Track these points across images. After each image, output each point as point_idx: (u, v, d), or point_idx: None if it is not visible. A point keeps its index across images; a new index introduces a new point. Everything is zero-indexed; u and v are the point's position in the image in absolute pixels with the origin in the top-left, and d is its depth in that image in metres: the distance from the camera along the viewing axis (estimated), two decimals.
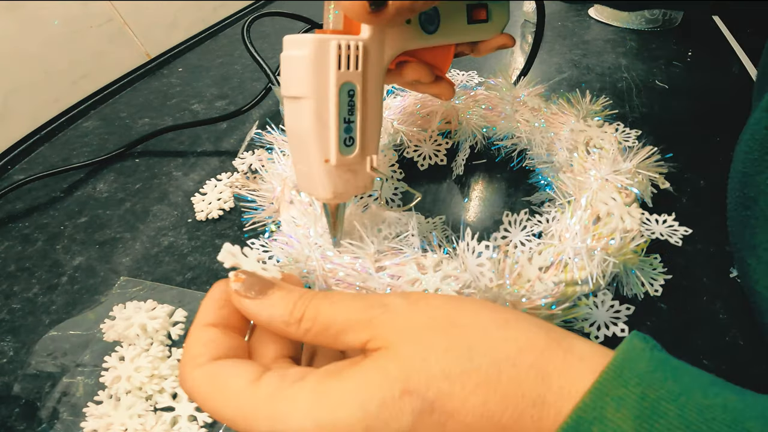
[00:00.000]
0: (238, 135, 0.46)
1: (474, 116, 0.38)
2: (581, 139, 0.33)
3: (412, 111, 0.38)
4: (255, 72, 0.57)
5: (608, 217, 0.27)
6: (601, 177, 0.29)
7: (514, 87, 0.38)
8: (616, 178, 0.29)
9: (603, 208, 0.27)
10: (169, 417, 0.23)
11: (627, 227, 0.27)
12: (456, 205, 0.36)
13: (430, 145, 0.37)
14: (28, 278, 0.32)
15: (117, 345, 0.27)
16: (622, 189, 0.29)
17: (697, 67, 0.53)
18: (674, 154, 0.34)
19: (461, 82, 0.47)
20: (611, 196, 0.28)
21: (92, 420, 0.23)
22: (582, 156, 0.32)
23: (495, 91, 0.38)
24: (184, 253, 0.33)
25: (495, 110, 0.38)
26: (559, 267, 0.25)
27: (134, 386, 0.24)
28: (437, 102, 0.38)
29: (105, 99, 0.53)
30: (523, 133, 0.37)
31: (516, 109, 0.37)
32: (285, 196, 0.30)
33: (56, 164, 0.43)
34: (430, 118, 0.38)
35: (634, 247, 0.27)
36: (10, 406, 0.25)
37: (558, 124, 0.35)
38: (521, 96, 0.37)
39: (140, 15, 0.59)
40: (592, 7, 0.66)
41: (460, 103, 0.39)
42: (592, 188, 0.29)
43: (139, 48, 0.60)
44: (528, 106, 0.37)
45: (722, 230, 0.33)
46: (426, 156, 0.37)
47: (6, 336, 0.29)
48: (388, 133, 0.36)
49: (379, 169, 0.34)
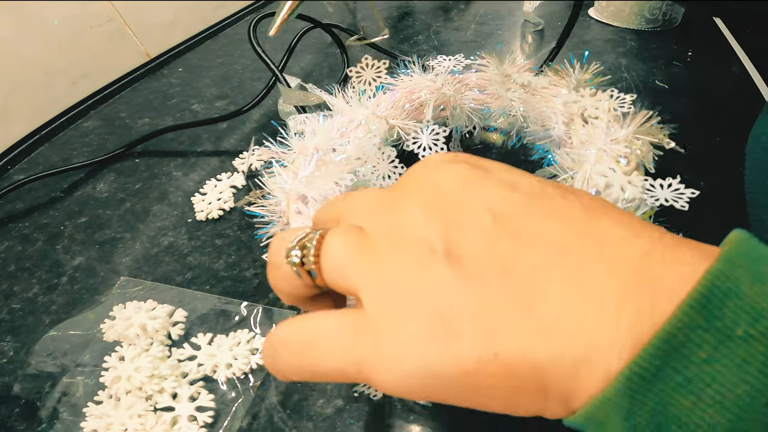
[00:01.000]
0: (238, 135, 0.46)
1: (467, 99, 0.38)
2: (575, 110, 0.33)
3: (403, 104, 0.38)
4: (255, 72, 0.57)
5: (608, 189, 0.26)
6: (597, 148, 0.29)
7: (502, 65, 0.37)
8: (612, 148, 0.28)
9: (602, 180, 0.27)
10: (169, 417, 0.23)
11: (628, 197, 0.26)
12: None
13: (428, 136, 0.37)
14: (28, 278, 0.32)
15: (117, 345, 0.27)
16: (622, 156, 0.28)
17: (697, 67, 0.53)
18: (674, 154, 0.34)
19: (449, 68, 0.47)
20: (610, 167, 0.27)
21: (92, 420, 0.23)
22: (579, 127, 0.32)
23: (484, 71, 0.38)
24: (184, 253, 0.33)
25: (486, 92, 0.38)
26: None
27: (134, 386, 0.24)
28: (428, 92, 0.38)
29: (105, 99, 0.53)
30: (518, 111, 0.36)
31: (508, 87, 0.37)
32: (291, 209, 0.30)
33: (56, 164, 0.43)
34: (423, 108, 0.38)
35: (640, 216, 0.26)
36: (10, 406, 0.25)
37: (550, 97, 0.35)
38: (510, 74, 0.37)
39: (140, 15, 0.59)
40: (592, 6, 0.66)
41: (451, 89, 0.39)
42: (590, 161, 0.28)
43: (139, 48, 0.60)
44: (518, 83, 0.37)
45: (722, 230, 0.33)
46: (425, 147, 0.37)
47: (6, 336, 0.29)
48: (383, 130, 0.36)
49: (380, 167, 0.34)
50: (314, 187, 0.30)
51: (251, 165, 0.41)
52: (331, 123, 0.34)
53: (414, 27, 0.65)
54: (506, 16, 0.67)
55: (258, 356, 0.26)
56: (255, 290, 0.30)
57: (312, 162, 0.31)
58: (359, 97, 0.36)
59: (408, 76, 0.39)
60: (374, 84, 0.40)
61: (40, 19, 0.49)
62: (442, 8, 0.71)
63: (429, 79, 0.39)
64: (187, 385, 0.25)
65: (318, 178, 0.30)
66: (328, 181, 0.30)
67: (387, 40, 0.61)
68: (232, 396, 0.25)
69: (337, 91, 0.36)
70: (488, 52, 0.38)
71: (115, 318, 0.27)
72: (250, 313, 0.29)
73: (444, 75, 0.39)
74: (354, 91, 0.36)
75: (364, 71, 0.40)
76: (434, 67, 0.44)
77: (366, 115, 0.36)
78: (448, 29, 0.64)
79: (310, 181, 0.30)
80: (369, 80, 0.40)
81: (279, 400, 0.25)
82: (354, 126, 0.35)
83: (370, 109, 0.36)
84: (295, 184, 0.30)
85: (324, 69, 0.56)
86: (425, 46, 0.60)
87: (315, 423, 0.24)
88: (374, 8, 0.39)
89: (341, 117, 0.35)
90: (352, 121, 0.35)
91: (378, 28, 0.39)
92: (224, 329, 0.28)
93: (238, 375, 0.25)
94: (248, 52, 0.62)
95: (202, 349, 0.26)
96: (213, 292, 0.31)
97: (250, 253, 0.33)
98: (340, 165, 0.31)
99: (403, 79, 0.39)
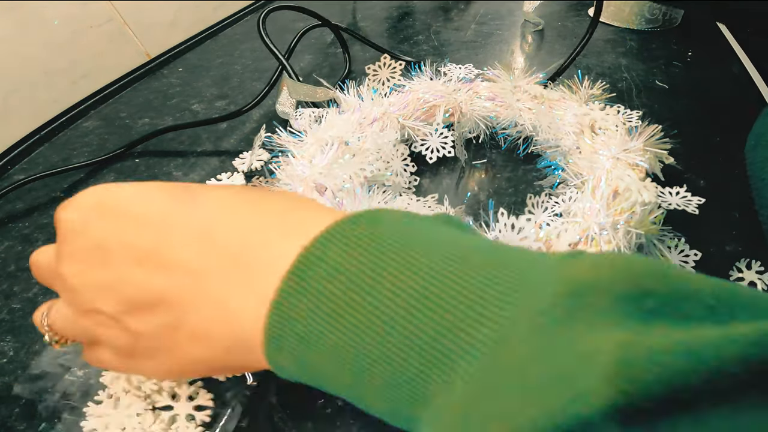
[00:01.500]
0: (238, 135, 0.46)
1: (477, 107, 0.39)
2: (586, 121, 0.35)
3: (415, 106, 0.39)
4: (255, 72, 0.57)
5: (627, 192, 0.28)
6: (612, 156, 0.31)
7: (513, 76, 0.39)
8: (627, 156, 0.31)
9: (621, 183, 0.28)
10: (167, 416, 0.23)
11: (645, 200, 0.28)
12: (468, 194, 0.37)
13: (437, 138, 0.38)
14: (28, 278, 0.32)
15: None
16: (633, 166, 0.31)
17: (697, 67, 0.53)
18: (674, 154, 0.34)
19: (460, 75, 0.48)
20: (626, 173, 0.29)
21: (92, 419, 0.23)
22: (589, 137, 0.34)
23: (495, 81, 0.39)
24: None
25: (496, 100, 0.39)
26: (586, 242, 0.26)
27: (133, 386, 0.24)
28: (439, 96, 0.39)
29: (105, 99, 0.53)
30: (526, 120, 0.38)
31: (518, 98, 0.38)
32: (308, 196, 0.30)
33: (56, 164, 0.43)
34: (434, 112, 0.39)
35: (653, 219, 0.28)
36: (10, 406, 0.25)
37: (561, 109, 0.37)
38: (521, 86, 0.38)
39: (140, 15, 0.59)
40: (592, 6, 0.66)
41: (462, 96, 0.40)
42: (605, 167, 0.30)
43: (139, 48, 0.60)
44: (529, 94, 0.38)
45: (722, 230, 0.33)
46: (433, 149, 0.38)
47: (6, 336, 0.29)
48: (395, 128, 0.37)
49: (394, 163, 0.35)
50: (334, 176, 0.30)
51: (251, 165, 0.41)
52: (349, 117, 0.35)
53: (414, 27, 0.65)
54: (506, 16, 0.67)
55: None
56: None
57: (330, 152, 0.32)
58: (372, 95, 0.37)
59: (421, 79, 0.40)
60: (388, 84, 0.41)
61: (40, 19, 0.49)
62: (442, 8, 0.71)
63: (441, 83, 0.40)
64: (185, 384, 0.25)
65: (339, 167, 0.31)
66: (348, 171, 0.31)
67: (387, 41, 0.62)
68: (231, 395, 0.25)
69: (349, 87, 0.37)
70: (500, 62, 0.39)
71: None
72: None
73: (455, 81, 0.41)
74: (368, 88, 0.38)
75: (381, 70, 0.41)
76: (446, 73, 0.45)
77: (380, 112, 0.37)
78: (448, 29, 0.64)
79: (330, 171, 0.31)
80: (384, 80, 0.41)
81: (279, 400, 0.25)
82: (368, 122, 0.36)
83: (383, 108, 0.37)
84: (312, 172, 0.31)
85: (324, 69, 0.56)
86: (425, 46, 0.60)
87: (315, 423, 0.24)
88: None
89: (358, 112, 0.36)
90: (365, 118, 0.36)
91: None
92: None
93: (237, 374, 0.25)
94: (248, 52, 0.62)
95: None
96: None
97: None
98: (362, 156, 0.32)
99: (416, 82, 0.40)
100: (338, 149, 0.32)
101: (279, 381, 0.25)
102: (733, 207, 0.35)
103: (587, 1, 0.68)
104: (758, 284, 0.28)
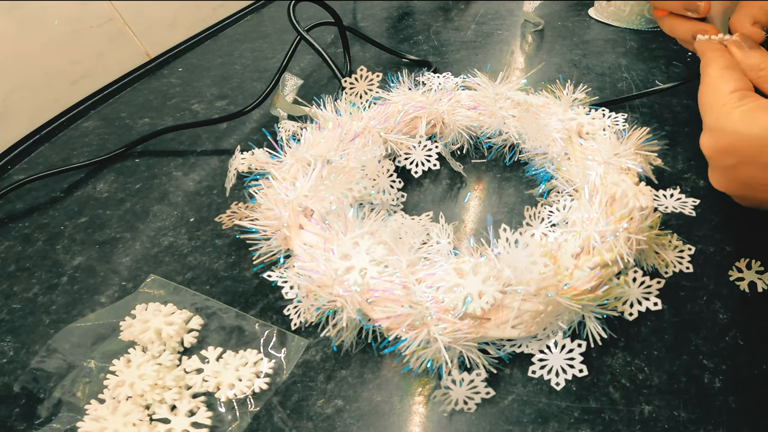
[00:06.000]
0: (238, 135, 0.46)
1: (459, 116, 0.38)
2: (573, 126, 0.34)
3: (396, 118, 0.37)
4: (255, 72, 0.57)
5: (623, 198, 0.28)
6: (603, 161, 0.30)
7: (494, 83, 0.38)
8: (618, 161, 0.30)
9: (617, 189, 0.28)
10: (164, 429, 0.23)
11: (642, 205, 0.27)
12: (460, 207, 0.36)
13: (421, 151, 0.37)
14: (28, 278, 0.32)
15: (129, 347, 0.26)
16: (626, 170, 0.30)
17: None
18: (674, 154, 0.34)
19: (439, 84, 0.46)
20: (620, 178, 0.29)
21: (88, 421, 0.23)
22: (577, 143, 0.33)
23: (476, 89, 0.38)
24: (184, 253, 0.33)
25: (479, 108, 0.38)
26: (588, 252, 0.26)
27: (135, 393, 0.24)
28: (420, 107, 0.37)
29: (105, 99, 0.53)
30: (511, 128, 0.37)
31: (500, 105, 0.37)
32: (294, 221, 0.29)
33: (56, 164, 0.43)
34: (415, 124, 0.38)
35: (650, 223, 0.28)
36: (10, 406, 0.25)
37: (546, 114, 0.36)
38: (503, 92, 0.37)
39: (140, 15, 0.59)
40: (592, 7, 0.66)
41: (444, 105, 0.38)
42: (597, 173, 0.30)
43: (139, 48, 0.60)
44: (513, 100, 0.37)
45: (722, 230, 0.33)
46: (418, 162, 0.37)
47: (6, 336, 0.29)
48: (377, 143, 0.36)
49: (379, 180, 0.33)
50: (320, 198, 0.29)
51: (236, 173, 0.37)
52: (331, 134, 0.33)
53: (414, 27, 0.65)
54: (506, 16, 0.67)
55: (261, 380, 0.25)
56: (255, 290, 0.30)
57: (314, 172, 0.30)
58: (350, 109, 0.36)
59: (400, 90, 0.39)
60: (366, 96, 0.39)
61: (40, 19, 0.49)
62: (442, 8, 0.71)
63: (421, 93, 0.38)
64: (188, 399, 0.24)
65: (325, 189, 0.29)
66: (335, 192, 0.29)
67: (386, 40, 0.61)
68: (229, 418, 0.24)
69: (327, 102, 0.36)
70: (480, 70, 0.38)
71: (135, 317, 0.27)
72: (262, 334, 0.28)
73: (435, 91, 0.39)
74: (345, 103, 0.36)
75: (357, 83, 0.39)
76: (425, 83, 0.43)
77: (360, 127, 0.35)
78: (448, 29, 0.64)
79: (315, 193, 0.29)
80: (361, 92, 0.39)
81: (279, 400, 0.25)
82: (349, 138, 0.34)
83: (364, 122, 0.35)
84: (297, 195, 0.29)
85: (324, 69, 0.56)
86: (425, 46, 0.60)
87: (315, 423, 0.24)
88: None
89: (338, 129, 0.34)
90: (346, 134, 0.34)
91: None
92: (236, 344, 0.27)
93: (239, 397, 0.25)
94: (248, 52, 0.62)
95: (210, 364, 0.26)
96: (213, 292, 0.31)
97: (250, 253, 0.33)
98: (349, 175, 0.31)
99: (395, 93, 0.39)
100: (321, 169, 0.30)
101: (279, 385, 0.25)
102: (733, 207, 0.35)
103: (587, 1, 0.68)
104: (758, 284, 0.28)
